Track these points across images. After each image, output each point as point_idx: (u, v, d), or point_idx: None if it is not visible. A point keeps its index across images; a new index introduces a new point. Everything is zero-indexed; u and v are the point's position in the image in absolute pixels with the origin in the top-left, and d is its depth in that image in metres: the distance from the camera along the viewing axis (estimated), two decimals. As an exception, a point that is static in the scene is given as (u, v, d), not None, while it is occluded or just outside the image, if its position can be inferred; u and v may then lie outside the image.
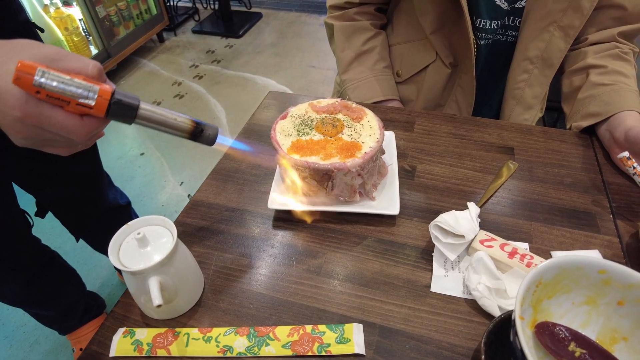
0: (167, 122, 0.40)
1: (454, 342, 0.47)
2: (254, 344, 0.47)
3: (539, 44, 0.77)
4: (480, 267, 0.51)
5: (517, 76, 0.82)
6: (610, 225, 0.60)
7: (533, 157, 0.71)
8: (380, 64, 0.90)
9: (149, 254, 0.47)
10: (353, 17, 0.89)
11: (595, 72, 0.75)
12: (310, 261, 0.56)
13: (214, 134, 0.43)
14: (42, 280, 1.06)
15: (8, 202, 0.89)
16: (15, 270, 0.98)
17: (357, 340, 0.47)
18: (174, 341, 0.48)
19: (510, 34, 0.81)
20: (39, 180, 0.96)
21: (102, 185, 1.14)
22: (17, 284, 1.00)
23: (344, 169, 0.56)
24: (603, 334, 0.43)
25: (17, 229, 0.93)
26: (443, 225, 0.53)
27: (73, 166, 0.99)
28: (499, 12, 0.77)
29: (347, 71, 0.90)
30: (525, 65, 0.80)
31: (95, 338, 0.49)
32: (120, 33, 2.70)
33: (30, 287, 1.03)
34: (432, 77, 0.87)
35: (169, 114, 0.40)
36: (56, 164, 0.94)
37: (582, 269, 0.42)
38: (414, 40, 0.88)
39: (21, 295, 1.05)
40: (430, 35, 0.82)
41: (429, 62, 0.86)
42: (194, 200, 0.65)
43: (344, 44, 0.90)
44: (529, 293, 0.41)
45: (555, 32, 0.76)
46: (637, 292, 0.40)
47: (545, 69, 0.80)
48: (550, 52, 0.78)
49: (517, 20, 0.79)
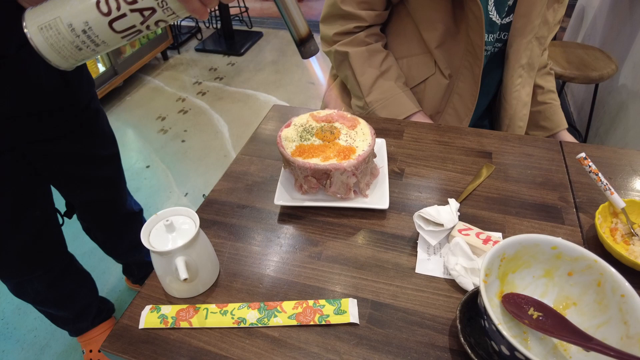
0: (297, 13, 0.49)
1: (435, 314, 0.55)
2: (264, 316, 0.55)
3: (527, 53, 0.91)
4: (457, 250, 0.59)
5: (515, 81, 0.95)
6: (574, 218, 0.68)
7: (509, 160, 0.80)
8: (400, 80, 0.95)
9: (175, 238, 0.55)
10: (364, 41, 0.94)
11: (539, 92, 1.04)
12: (311, 248, 0.64)
13: (315, 52, 0.52)
14: (62, 282, 1.13)
15: (47, 202, 0.98)
16: (42, 269, 1.05)
17: (352, 312, 0.55)
18: (194, 315, 0.56)
19: (497, 46, 0.93)
20: (73, 183, 1.05)
21: (124, 190, 1.23)
22: (41, 284, 1.07)
23: (341, 168, 0.65)
24: (558, 301, 0.51)
25: (50, 229, 1.02)
26: (425, 215, 0.61)
27: (101, 170, 1.08)
28: (495, 27, 0.88)
29: (371, 93, 0.94)
30: (519, 71, 0.94)
31: (126, 314, 0.57)
32: (127, 51, 2.82)
33: (52, 288, 1.11)
34: (432, 88, 0.96)
35: (301, 13, 0.49)
36: (88, 167, 1.03)
37: (539, 245, 0.50)
38: (413, 55, 0.95)
39: (42, 295, 1.11)
40: (435, 50, 0.91)
41: (428, 75, 0.95)
42: (208, 199, 0.74)
43: (363, 68, 0.94)
44: (494, 265, 0.49)
45: (534, 41, 0.90)
46: (582, 263, 0.48)
47: (530, 71, 0.95)
48: (533, 58, 0.93)
49: (503, 34, 0.91)
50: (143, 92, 2.93)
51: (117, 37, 0.46)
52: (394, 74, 0.95)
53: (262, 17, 4.07)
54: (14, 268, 1.01)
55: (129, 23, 0.45)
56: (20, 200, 0.91)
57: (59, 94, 0.88)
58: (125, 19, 0.44)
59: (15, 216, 0.91)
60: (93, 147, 1.02)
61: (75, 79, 0.91)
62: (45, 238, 1.01)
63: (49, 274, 1.08)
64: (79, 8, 0.44)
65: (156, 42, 3.08)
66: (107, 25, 0.44)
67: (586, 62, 1.79)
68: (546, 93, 1.04)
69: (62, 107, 0.90)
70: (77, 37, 0.45)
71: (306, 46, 0.51)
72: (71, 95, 0.91)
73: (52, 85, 0.85)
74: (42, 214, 0.98)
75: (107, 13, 0.44)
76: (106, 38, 0.46)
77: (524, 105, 0.99)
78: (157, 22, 0.46)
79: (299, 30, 0.50)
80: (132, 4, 0.44)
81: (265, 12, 4.18)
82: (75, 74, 0.91)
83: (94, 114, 1.00)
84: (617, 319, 0.45)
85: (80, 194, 1.10)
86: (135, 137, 2.51)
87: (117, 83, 2.73)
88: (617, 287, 0.45)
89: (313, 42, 0.51)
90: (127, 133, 2.53)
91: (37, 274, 1.04)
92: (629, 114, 1.80)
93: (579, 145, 0.85)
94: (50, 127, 0.90)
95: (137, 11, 0.44)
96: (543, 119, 1.04)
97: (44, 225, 0.99)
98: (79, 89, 0.93)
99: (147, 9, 0.44)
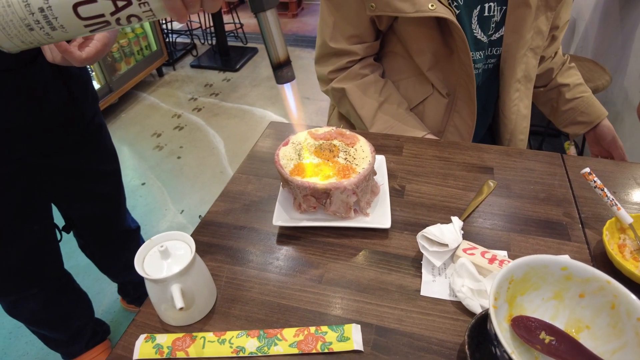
0: (278, 37, 0.47)
1: (442, 338, 0.53)
2: (263, 344, 0.53)
3: (522, 67, 0.91)
4: (463, 271, 0.57)
5: (512, 95, 0.94)
6: (580, 234, 0.67)
7: (510, 176, 0.79)
8: (401, 107, 0.94)
9: (170, 265, 0.53)
10: (360, 73, 0.93)
11: (566, 90, 1.02)
12: (312, 271, 0.62)
13: (291, 78, 0.50)
14: (58, 301, 1.11)
15: (46, 216, 0.98)
16: (40, 287, 1.03)
17: (355, 339, 0.53)
18: (191, 344, 0.54)
19: (491, 62, 0.92)
20: (74, 197, 1.05)
21: (123, 207, 1.22)
22: (36, 303, 1.05)
23: (341, 187, 0.63)
24: (570, 325, 0.49)
25: (48, 244, 1.00)
26: (429, 235, 0.60)
27: (102, 186, 1.08)
28: (481, 45, 0.88)
29: (374, 124, 0.93)
30: (516, 85, 0.93)
31: (120, 343, 0.55)
32: (122, 68, 2.82)
33: (47, 307, 1.08)
34: (432, 108, 0.95)
35: (283, 36, 0.47)
36: (89, 182, 1.03)
37: (547, 267, 0.48)
38: (409, 77, 0.95)
39: (37, 315, 1.09)
40: (427, 72, 0.90)
41: (426, 96, 0.94)
42: (204, 220, 0.72)
43: (362, 101, 0.93)
44: (502, 288, 0.47)
45: (529, 53, 0.89)
46: (594, 285, 0.47)
47: (528, 83, 0.94)
48: (529, 71, 0.92)
49: (495, 50, 0.90)
50: (138, 109, 2.92)
51: (80, 24, 0.41)
52: (394, 101, 0.94)
53: (257, 33, 4.09)
54: (11, 283, 0.99)
55: (97, 10, 0.40)
56: (20, 213, 0.90)
57: (65, 108, 0.88)
58: (94, 5, 0.39)
59: (14, 229, 0.90)
60: (95, 161, 1.03)
61: (80, 93, 0.92)
62: (43, 253, 1.00)
63: (45, 292, 1.06)
64: None
65: (151, 59, 3.09)
66: (71, 7, 0.39)
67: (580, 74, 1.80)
68: (574, 88, 1.02)
69: (67, 121, 0.91)
70: (30, 15, 0.39)
71: (283, 71, 0.49)
72: (76, 109, 0.92)
73: (58, 99, 0.86)
74: (40, 228, 0.97)
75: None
76: (66, 22, 0.40)
77: (524, 118, 0.98)
78: (130, 17, 0.41)
79: (277, 54, 0.48)
80: None
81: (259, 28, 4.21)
82: (80, 88, 0.92)
83: (98, 129, 1.01)
84: (634, 344, 0.43)
85: (80, 208, 1.09)
86: (130, 154, 2.50)
87: (112, 100, 2.73)
88: (632, 310, 0.43)
89: (290, 68, 0.49)
90: (123, 150, 2.51)
91: (33, 291, 1.02)
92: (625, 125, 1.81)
93: (581, 158, 0.84)
94: (55, 141, 0.90)
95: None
96: (579, 114, 1.01)
97: (42, 239, 0.98)
98: (84, 103, 0.94)
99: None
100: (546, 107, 1.09)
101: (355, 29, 0.89)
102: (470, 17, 0.83)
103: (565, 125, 1.06)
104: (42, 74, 0.80)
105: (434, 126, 0.97)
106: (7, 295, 1.03)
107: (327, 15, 0.89)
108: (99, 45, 0.68)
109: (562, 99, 1.03)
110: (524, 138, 0.99)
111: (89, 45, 0.68)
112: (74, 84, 0.90)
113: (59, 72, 0.84)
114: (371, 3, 0.81)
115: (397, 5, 0.78)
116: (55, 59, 0.68)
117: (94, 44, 0.68)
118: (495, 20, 0.86)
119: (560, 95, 1.03)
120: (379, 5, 0.80)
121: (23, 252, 0.95)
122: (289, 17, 4.45)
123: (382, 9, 0.81)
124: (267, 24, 0.46)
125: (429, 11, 0.76)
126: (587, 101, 1.01)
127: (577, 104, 1.01)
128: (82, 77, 0.92)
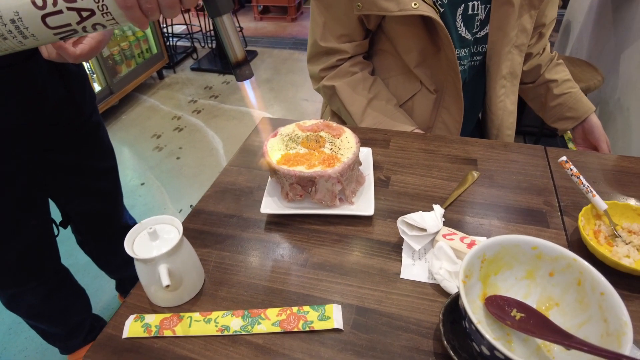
0: (235, 38, 0.51)
1: (419, 318, 0.55)
2: (247, 324, 0.55)
3: (507, 63, 0.93)
4: (441, 254, 0.59)
5: (498, 91, 0.97)
6: (558, 221, 0.69)
7: (494, 167, 0.81)
8: (390, 104, 0.96)
9: (159, 246, 0.55)
10: (349, 71, 0.95)
11: (554, 86, 1.04)
12: (297, 256, 0.65)
13: (249, 76, 0.55)
14: (57, 296, 1.13)
15: (44, 212, 0.99)
16: (38, 281, 1.05)
17: (336, 317, 0.55)
18: (178, 323, 0.56)
19: (477, 59, 0.95)
20: (72, 193, 1.06)
21: (121, 204, 1.24)
22: (35, 297, 1.07)
23: (325, 175, 0.65)
24: (541, 302, 0.51)
25: (46, 239, 1.02)
26: (408, 220, 0.62)
27: (100, 182, 1.10)
28: (465, 42, 0.90)
29: (364, 120, 0.96)
30: (502, 82, 0.96)
31: (110, 323, 0.57)
32: (123, 71, 2.86)
33: (46, 302, 1.10)
34: (420, 104, 0.98)
35: (239, 38, 0.52)
36: (87, 178, 1.05)
37: (519, 246, 0.50)
38: (397, 75, 0.97)
39: (36, 309, 1.11)
40: (415, 69, 0.93)
41: (415, 92, 0.97)
42: (196, 209, 0.74)
43: (351, 98, 0.95)
44: (474, 266, 0.50)
45: (514, 50, 0.92)
46: (563, 262, 0.49)
47: (513, 80, 0.97)
48: (514, 67, 0.95)
49: (480, 47, 0.93)
50: (139, 111, 2.96)
51: (49, 32, 0.44)
52: (383, 98, 0.96)
53: (256, 36, 4.14)
54: (10, 277, 1.01)
55: (64, 21, 0.43)
56: (19, 209, 0.92)
57: (63, 105, 0.90)
58: (60, 16, 0.43)
59: (13, 224, 0.92)
60: (93, 158, 1.05)
61: (78, 91, 0.94)
62: (42, 247, 1.02)
63: (43, 287, 1.07)
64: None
65: (152, 62, 3.13)
66: (40, 19, 0.43)
67: (573, 74, 1.80)
68: (562, 84, 1.04)
69: (65, 117, 0.92)
70: (3, 26, 0.42)
71: (242, 69, 0.54)
72: (74, 106, 0.93)
73: (56, 96, 0.87)
74: (39, 223, 0.98)
75: (41, 7, 0.42)
76: (36, 32, 0.44)
77: (510, 114, 1.01)
78: (95, 25, 0.45)
79: (235, 54, 0.53)
80: (71, 2, 0.42)
81: (259, 32, 4.26)
82: (78, 86, 0.94)
83: (95, 127, 1.03)
84: (598, 317, 0.45)
85: (78, 205, 1.11)
86: (130, 155, 2.52)
87: (113, 102, 2.76)
88: (596, 285, 0.45)
89: (248, 66, 0.54)
90: (123, 151, 2.54)
91: (31, 285, 1.04)
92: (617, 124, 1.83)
93: (563, 150, 0.86)
94: (53, 138, 0.92)
95: (74, 10, 0.43)
96: (567, 110, 1.03)
97: (40, 234, 1.00)
98: (82, 101, 0.96)
99: (86, 9, 0.43)
100: (535, 103, 1.12)
101: (344, 28, 0.91)
102: (455, 15, 0.86)
103: (554, 121, 1.08)
104: (40, 71, 0.82)
105: (422, 122, 0.99)
106: (7, 289, 1.05)
107: (317, 15, 0.92)
108: (93, 43, 0.70)
109: (550, 95, 1.05)
110: (510, 133, 1.02)
111: (82, 42, 0.70)
112: (72, 81, 0.92)
113: (55, 69, 0.86)
114: (358, 3, 0.83)
115: (382, 4, 0.81)
116: (50, 56, 0.70)
117: (88, 41, 0.70)
118: (479, 19, 0.88)
119: (548, 91, 1.05)
120: (365, 5, 0.83)
121: (23, 247, 0.96)
122: (288, 21, 4.49)
123: (368, 9, 0.83)
124: (224, 27, 0.50)
125: (412, 10, 0.79)
126: (574, 97, 1.03)
127: (565, 100, 1.03)
128: (79, 74, 0.95)
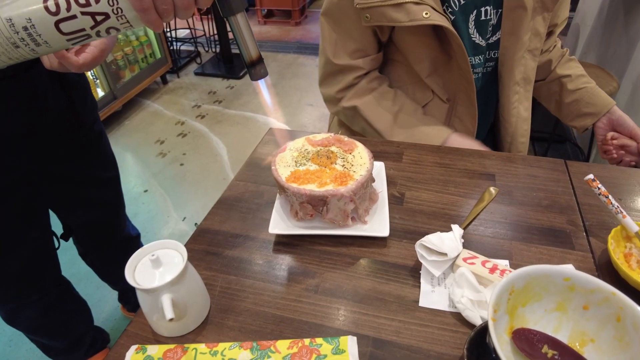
0: (249, 37, 0.50)
1: (440, 351, 0.52)
2: (256, 357, 0.51)
3: (521, 69, 0.90)
4: (462, 282, 0.55)
5: (511, 98, 0.93)
6: (584, 242, 0.65)
7: (513, 182, 0.77)
8: (418, 112, 0.92)
9: (162, 274, 0.51)
10: (369, 88, 0.91)
11: (568, 81, 0.99)
12: (308, 281, 0.61)
13: (264, 75, 0.53)
14: (57, 309, 1.10)
15: (45, 223, 0.97)
16: (38, 294, 1.02)
17: (351, 351, 0.51)
18: (182, 355, 0.52)
19: (489, 65, 0.92)
20: (73, 204, 1.04)
21: (123, 214, 1.22)
22: (35, 310, 1.04)
23: (338, 194, 0.62)
24: (573, 337, 0.47)
25: (47, 251, 1.00)
26: (427, 244, 0.58)
27: (101, 192, 1.08)
28: (479, 49, 0.87)
29: (394, 134, 0.90)
30: (515, 88, 0.92)
31: (111, 354, 0.54)
32: (126, 76, 2.83)
33: (46, 315, 1.08)
34: (433, 114, 0.94)
35: (253, 37, 0.51)
36: (88, 189, 1.03)
37: (549, 277, 0.47)
38: (409, 84, 0.94)
39: (36, 322, 1.08)
40: (426, 79, 0.89)
41: (427, 101, 0.93)
42: (200, 228, 0.71)
43: (377, 115, 0.90)
44: (502, 299, 0.46)
45: (527, 55, 0.88)
46: (598, 296, 0.45)
47: (527, 85, 0.93)
48: (528, 72, 0.91)
49: (493, 53, 0.90)
50: (142, 116, 2.93)
51: (62, 39, 0.43)
52: (409, 108, 0.92)
53: (260, 40, 4.12)
54: (12, 290, 0.99)
55: (78, 26, 0.42)
56: (21, 220, 0.90)
57: (64, 115, 0.89)
58: (74, 21, 0.41)
59: (15, 235, 0.90)
60: (94, 168, 1.03)
61: (79, 100, 0.92)
62: (42, 260, 1.00)
63: (44, 300, 1.05)
64: (22, 2, 0.40)
65: (155, 67, 3.10)
66: (53, 25, 0.41)
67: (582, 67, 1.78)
68: (576, 79, 0.99)
69: (66, 128, 0.91)
70: (15, 34, 0.41)
71: (256, 68, 0.52)
72: (76, 116, 0.92)
73: (58, 106, 0.86)
74: (38, 236, 0.96)
75: (54, 12, 0.40)
76: (50, 39, 0.42)
77: (524, 120, 0.97)
78: (109, 29, 0.43)
79: (250, 53, 0.51)
80: (85, 6, 0.41)
81: (263, 36, 4.23)
82: (79, 95, 0.93)
83: (97, 136, 1.01)
84: (641, 359, 0.41)
85: (80, 215, 1.09)
86: (133, 161, 2.50)
87: (116, 107, 2.74)
88: (639, 322, 0.42)
89: (263, 65, 0.53)
90: (126, 157, 2.52)
91: (32, 298, 1.02)
92: (632, 130, 1.78)
93: (585, 165, 0.82)
94: (54, 148, 0.90)
95: (88, 15, 0.41)
96: (584, 105, 0.97)
97: (42, 246, 0.98)
98: (83, 110, 0.94)
99: (101, 13, 0.41)
100: (550, 102, 1.06)
101: (357, 43, 0.87)
102: (467, 22, 0.83)
103: (571, 119, 1.02)
104: (41, 81, 0.80)
105: None
106: (7, 303, 1.02)
107: (327, 32, 0.88)
108: (95, 52, 0.68)
109: (565, 91, 1.00)
110: (524, 141, 0.98)
111: (85, 51, 0.67)
112: (73, 91, 0.90)
113: (57, 79, 0.84)
114: (366, 14, 0.80)
115: (392, 15, 0.78)
116: (52, 65, 0.68)
117: (91, 50, 0.68)
118: (492, 24, 0.85)
119: (562, 87, 1.00)
120: (373, 16, 0.79)
121: (24, 259, 0.94)
122: (292, 25, 4.47)
123: (377, 20, 0.80)
124: (238, 27, 0.49)
125: (423, 19, 0.75)
126: (591, 91, 0.97)
127: (581, 95, 0.97)
128: (80, 84, 0.92)
